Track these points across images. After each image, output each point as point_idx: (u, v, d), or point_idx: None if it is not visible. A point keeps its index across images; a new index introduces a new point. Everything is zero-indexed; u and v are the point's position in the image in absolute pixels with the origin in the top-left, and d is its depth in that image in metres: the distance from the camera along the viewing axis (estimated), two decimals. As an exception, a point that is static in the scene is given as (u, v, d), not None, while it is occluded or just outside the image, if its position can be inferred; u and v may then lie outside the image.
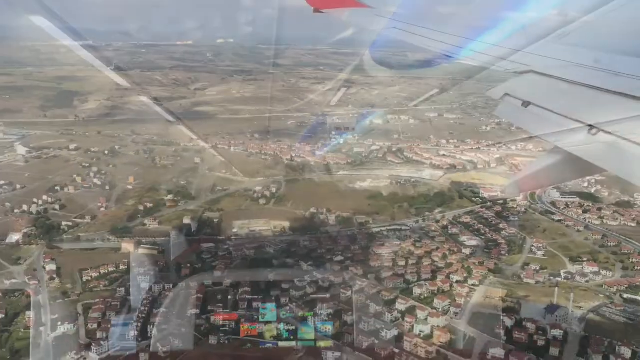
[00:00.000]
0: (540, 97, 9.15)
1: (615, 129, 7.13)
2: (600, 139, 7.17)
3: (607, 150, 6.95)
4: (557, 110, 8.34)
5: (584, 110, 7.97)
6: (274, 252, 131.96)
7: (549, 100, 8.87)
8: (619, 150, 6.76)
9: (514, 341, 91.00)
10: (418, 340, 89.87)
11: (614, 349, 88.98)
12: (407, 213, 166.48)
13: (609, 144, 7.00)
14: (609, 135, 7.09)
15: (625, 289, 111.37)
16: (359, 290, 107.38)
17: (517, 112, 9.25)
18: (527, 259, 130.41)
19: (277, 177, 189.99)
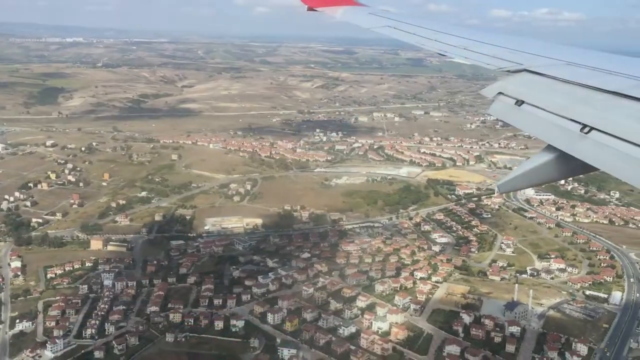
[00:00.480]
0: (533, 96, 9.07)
1: (608, 127, 7.03)
2: (593, 138, 7.05)
3: (600, 149, 6.83)
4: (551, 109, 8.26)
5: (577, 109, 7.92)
6: (243, 249, 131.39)
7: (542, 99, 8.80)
8: (611, 149, 6.66)
9: (471, 338, 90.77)
10: (375, 337, 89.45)
11: (570, 345, 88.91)
12: (381, 210, 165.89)
13: (601, 142, 6.89)
14: (602, 134, 6.97)
15: (589, 285, 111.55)
16: (321, 287, 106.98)
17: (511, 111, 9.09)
18: (496, 255, 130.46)
19: (253, 174, 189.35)
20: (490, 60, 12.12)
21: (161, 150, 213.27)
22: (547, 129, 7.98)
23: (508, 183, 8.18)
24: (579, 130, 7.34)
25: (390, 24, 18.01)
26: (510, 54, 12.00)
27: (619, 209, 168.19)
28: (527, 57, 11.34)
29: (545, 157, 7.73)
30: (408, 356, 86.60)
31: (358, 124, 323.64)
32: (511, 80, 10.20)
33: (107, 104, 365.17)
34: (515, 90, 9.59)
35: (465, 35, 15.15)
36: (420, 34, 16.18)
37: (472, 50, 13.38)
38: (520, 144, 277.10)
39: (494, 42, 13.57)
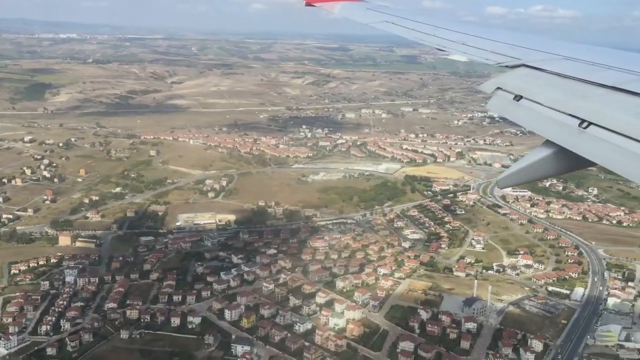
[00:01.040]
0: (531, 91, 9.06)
1: (607, 122, 7.01)
2: (591, 133, 7.04)
3: (598, 144, 6.83)
4: (549, 104, 8.26)
5: (576, 104, 7.90)
6: (211, 245, 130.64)
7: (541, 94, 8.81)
8: (610, 144, 6.65)
9: (426, 334, 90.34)
10: (330, 333, 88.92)
11: (526, 341, 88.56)
12: (356, 206, 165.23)
13: (600, 137, 6.87)
14: (601, 129, 6.96)
15: (553, 281, 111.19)
16: (282, 284, 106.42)
17: (509, 106, 9.07)
18: (465, 252, 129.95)
19: (230, 170, 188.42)
20: (489, 55, 12.07)
21: (140, 146, 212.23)
22: (545, 124, 7.98)
23: (507, 178, 8.18)
24: (577, 125, 7.30)
25: (388, 19, 18.07)
26: (509, 49, 11.99)
27: (595, 205, 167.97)
28: (525, 52, 11.36)
29: (544, 152, 7.71)
30: (362, 352, 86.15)
31: (345, 121, 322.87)
32: (509, 76, 10.14)
33: (94, 100, 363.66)
34: (513, 85, 9.54)
35: (463, 30, 15.20)
36: (418, 29, 16.17)
37: (471, 45, 13.40)
38: (506, 140, 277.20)
39: (492, 37, 13.60)
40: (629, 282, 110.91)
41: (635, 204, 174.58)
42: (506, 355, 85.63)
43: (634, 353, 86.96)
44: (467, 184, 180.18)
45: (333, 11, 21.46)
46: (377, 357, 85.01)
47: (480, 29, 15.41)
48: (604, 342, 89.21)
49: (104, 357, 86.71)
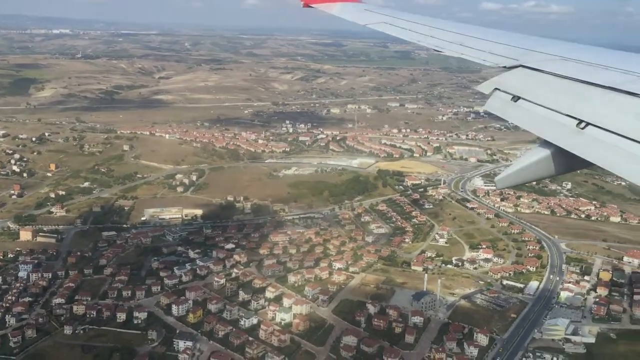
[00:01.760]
0: (529, 92, 9.15)
1: (604, 122, 7.06)
2: (589, 133, 7.10)
3: (595, 144, 6.88)
4: (547, 105, 8.38)
5: (573, 104, 7.99)
6: (172, 240, 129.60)
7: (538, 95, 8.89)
8: (607, 144, 6.70)
9: (372, 328, 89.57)
10: (275, 328, 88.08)
11: (472, 335, 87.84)
12: (325, 201, 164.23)
13: (597, 137, 6.93)
14: (598, 129, 7.02)
15: (509, 275, 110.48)
16: (234, 278, 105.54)
17: (507, 106, 9.15)
18: (428, 246, 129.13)
19: (202, 164, 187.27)
20: (486, 56, 12.10)
21: (114, 141, 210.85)
22: (543, 124, 8.03)
23: (506, 179, 8.07)
24: (575, 125, 7.34)
25: (386, 20, 18.14)
26: (506, 49, 12.05)
27: (567, 200, 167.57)
28: (523, 53, 11.40)
29: (542, 153, 7.73)
30: (305, 347, 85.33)
31: (329, 116, 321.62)
32: (507, 76, 10.19)
33: (79, 95, 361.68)
34: (511, 85, 9.61)
35: (460, 31, 15.23)
36: (416, 30, 16.32)
37: (468, 46, 13.46)
38: (488, 135, 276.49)
39: (489, 37, 13.65)
40: (586, 275, 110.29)
41: (608, 198, 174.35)
42: (450, 349, 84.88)
43: (579, 347, 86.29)
44: (440, 178, 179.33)
45: (331, 12, 21.69)
46: (320, 352, 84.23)
47: (477, 29, 15.41)
48: (550, 335, 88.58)
49: (45, 352, 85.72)
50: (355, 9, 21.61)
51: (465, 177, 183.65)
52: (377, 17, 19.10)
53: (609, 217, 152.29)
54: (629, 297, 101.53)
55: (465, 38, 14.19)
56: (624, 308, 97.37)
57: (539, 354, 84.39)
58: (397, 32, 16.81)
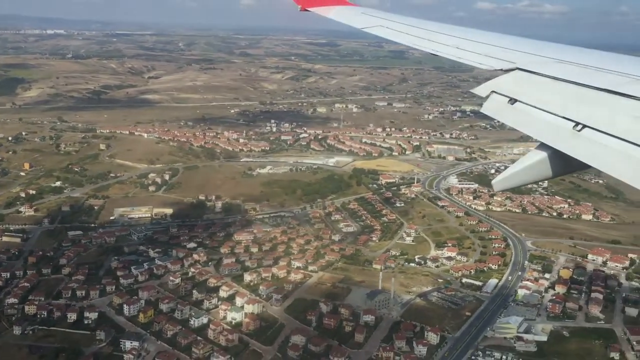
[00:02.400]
0: (526, 94, 9.18)
1: (601, 125, 7.08)
2: (585, 136, 7.11)
3: (592, 146, 6.89)
4: (543, 107, 8.41)
5: (570, 107, 8.00)
6: (137, 239, 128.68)
7: (535, 97, 8.93)
8: (604, 146, 6.71)
9: (323, 327, 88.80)
10: (223, 327, 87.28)
11: (423, 334, 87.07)
12: (298, 200, 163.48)
13: (594, 140, 6.94)
14: (595, 132, 7.03)
15: (470, 273, 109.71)
16: (189, 278, 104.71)
17: (504, 109, 9.18)
18: (395, 244, 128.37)
19: (177, 163, 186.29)
20: (483, 59, 12.09)
21: (92, 140, 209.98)
22: (540, 127, 8.06)
23: (503, 181, 8.07)
24: (571, 128, 7.36)
25: (383, 24, 18.20)
26: (502, 52, 12.06)
27: (541, 198, 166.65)
28: (519, 56, 11.40)
29: (539, 155, 7.74)
30: (253, 347, 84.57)
31: (315, 115, 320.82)
32: (504, 79, 10.21)
33: (65, 94, 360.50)
34: (508, 88, 9.63)
35: (457, 34, 15.29)
36: (413, 34, 16.43)
37: (465, 49, 13.54)
38: (472, 134, 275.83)
39: (486, 40, 13.70)
40: (547, 273, 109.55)
41: (584, 196, 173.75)
42: (399, 348, 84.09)
43: (531, 345, 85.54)
44: (415, 176, 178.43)
45: (328, 16, 21.71)
46: (267, 352, 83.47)
47: (473, 32, 15.47)
48: (502, 334, 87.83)
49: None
50: (352, 12, 21.75)
51: (441, 176, 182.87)
52: (373, 20, 19.10)
53: (581, 215, 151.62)
54: (587, 294, 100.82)
55: (462, 41, 14.28)
56: (580, 306, 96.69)
57: (489, 353, 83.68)
58: (393, 36, 16.90)
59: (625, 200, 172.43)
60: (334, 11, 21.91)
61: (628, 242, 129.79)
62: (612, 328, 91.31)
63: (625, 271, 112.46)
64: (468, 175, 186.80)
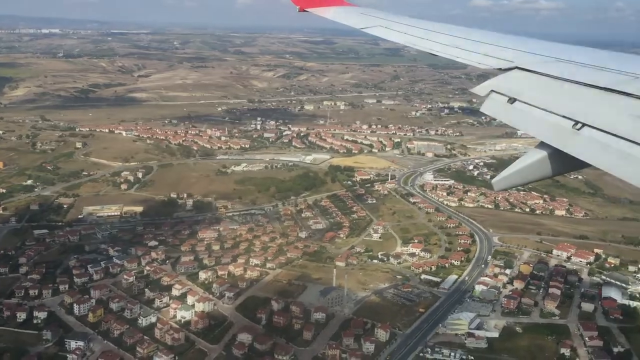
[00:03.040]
0: (525, 93, 9.15)
1: (600, 123, 7.04)
2: (585, 134, 7.08)
3: (592, 145, 6.88)
4: (543, 106, 8.37)
5: (569, 106, 7.98)
6: (101, 237, 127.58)
7: (534, 96, 8.90)
8: (604, 145, 6.69)
9: (273, 325, 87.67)
10: (170, 326, 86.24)
11: (373, 331, 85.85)
12: (271, 197, 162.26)
13: (594, 138, 6.92)
14: (594, 130, 7.01)
15: (430, 270, 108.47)
16: (144, 276, 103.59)
17: (503, 109, 9.14)
18: (362, 241, 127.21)
19: (152, 161, 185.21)
20: (482, 58, 12.10)
21: (69, 139, 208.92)
22: (539, 126, 8.05)
23: (503, 180, 7.99)
24: (571, 126, 7.35)
25: (381, 24, 18.21)
26: (501, 51, 12.05)
27: (518, 193, 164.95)
28: (518, 55, 11.39)
29: (539, 154, 7.72)
30: (199, 345, 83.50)
31: (302, 113, 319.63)
32: (503, 78, 10.17)
33: (52, 93, 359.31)
34: (507, 88, 9.58)
35: (456, 34, 15.27)
36: (411, 34, 16.41)
37: (463, 48, 13.50)
38: (457, 131, 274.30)
39: (485, 40, 13.66)
40: (508, 269, 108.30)
41: (561, 192, 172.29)
42: (347, 345, 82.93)
43: (481, 342, 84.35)
44: (391, 173, 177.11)
45: (326, 16, 21.80)
46: (213, 350, 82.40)
47: (472, 32, 15.49)
48: (454, 330, 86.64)
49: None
50: (350, 12, 21.78)
51: (418, 172, 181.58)
52: (372, 20, 19.07)
53: (554, 210, 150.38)
54: (545, 290, 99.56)
55: (461, 41, 14.23)
56: (536, 302, 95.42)
57: (437, 349, 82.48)
58: (392, 36, 16.88)
59: (603, 196, 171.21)
60: (331, 11, 22.06)
61: (596, 237, 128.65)
62: (566, 324, 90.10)
63: (588, 266, 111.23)
64: (445, 172, 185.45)
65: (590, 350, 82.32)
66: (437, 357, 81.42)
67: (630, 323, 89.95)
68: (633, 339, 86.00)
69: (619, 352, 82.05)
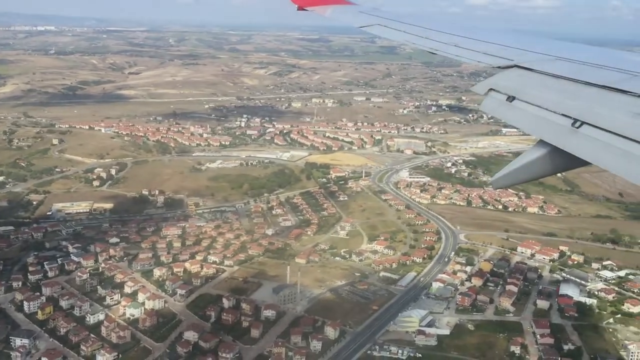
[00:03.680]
0: (524, 92, 9.06)
1: (599, 121, 7.03)
2: (584, 132, 7.10)
3: (591, 143, 6.89)
4: (542, 104, 8.25)
5: (568, 104, 7.91)
6: (66, 234, 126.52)
7: (533, 95, 8.81)
8: (603, 143, 6.71)
9: (221, 323, 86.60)
10: (117, 324, 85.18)
11: (323, 328, 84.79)
12: (244, 194, 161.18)
13: (593, 136, 6.93)
14: (593, 128, 7.02)
15: (391, 267, 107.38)
16: (98, 273, 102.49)
17: (502, 107, 9.04)
18: (329, 238, 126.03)
19: (127, 158, 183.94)
20: (481, 57, 12.07)
21: (46, 135, 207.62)
22: (538, 124, 8.05)
23: (501, 179, 7.99)
24: (570, 124, 7.33)
25: (380, 22, 18.14)
26: (500, 49, 12.05)
27: (495, 191, 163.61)
28: (517, 53, 11.39)
29: (538, 152, 7.67)
30: (144, 343, 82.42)
31: (289, 110, 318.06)
32: (502, 76, 10.18)
33: (40, 90, 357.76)
34: (506, 86, 9.56)
35: (455, 32, 15.25)
36: (411, 32, 16.31)
37: (463, 47, 13.45)
38: (444, 128, 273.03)
39: (484, 38, 13.66)
40: (469, 266, 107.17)
41: (538, 189, 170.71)
42: (295, 343, 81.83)
43: (431, 339, 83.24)
44: (366, 170, 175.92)
45: (325, 14, 21.80)
46: (158, 348, 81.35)
47: (472, 30, 15.55)
48: (404, 328, 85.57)
49: None
50: (349, 11, 21.84)
51: (394, 169, 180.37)
52: (371, 19, 19.07)
53: (527, 208, 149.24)
54: (503, 287, 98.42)
55: (460, 39, 14.16)
56: (491, 299, 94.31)
57: (386, 347, 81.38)
58: (391, 35, 16.84)
59: (580, 194, 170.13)
60: (330, 10, 22.05)
61: (565, 234, 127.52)
62: (520, 321, 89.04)
63: (551, 263, 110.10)
64: (422, 169, 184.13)
65: (541, 348, 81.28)
66: (385, 354, 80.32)
67: (584, 320, 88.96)
68: (585, 336, 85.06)
69: (570, 349, 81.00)
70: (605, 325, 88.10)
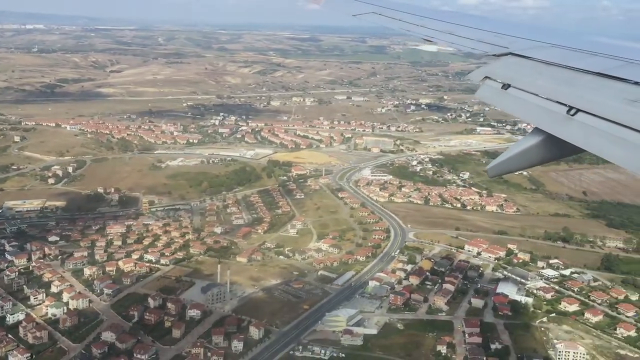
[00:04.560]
0: (519, 79, 8.88)
1: (594, 109, 7.03)
2: (579, 120, 7.07)
3: (586, 130, 6.87)
4: (537, 92, 8.23)
5: (563, 91, 7.92)
6: (9, 232, 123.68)
7: (528, 82, 8.70)
8: (597, 130, 6.68)
9: (144, 323, 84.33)
10: (35, 324, 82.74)
11: (247, 328, 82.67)
12: (201, 192, 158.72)
13: (587, 124, 6.90)
14: (588, 116, 6.99)
15: (332, 265, 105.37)
16: (27, 272, 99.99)
17: (497, 95, 8.88)
18: (278, 237, 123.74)
19: (86, 155, 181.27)
20: (476, 44, 12.05)
21: (9, 132, 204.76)
22: (533, 111, 7.97)
23: (497, 167, 7.90)
24: (565, 112, 7.29)
25: (375, 11, 18.03)
26: (495, 37, 11.92)
27: (455, 189, 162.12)
28: (512, 40, 11.24)
29: (533, 140, 7.62)
30: (61, 344, 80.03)
31: (267, 109, 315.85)
32: (497, 64, 10.09)
33: (16, 88, 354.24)
34: (501, 74, 9.52)
35: (450, 20, 15.23)
36: (406, 20, 16.14)
37: (458, 35, 13.36)
38: (419, 127, 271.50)
39: (479, 26, 13.65)
40: (410, 264, 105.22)
41: (502, 187, 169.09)
42: (217, 343, 79.62)
43: (357, 339, 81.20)
44: (326, 168, 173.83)
45: (319, 4, 21.68)
46: (74, 349, 79.03)
47: (467, 18, 15.49)
48: (331, 327, 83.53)
49: None
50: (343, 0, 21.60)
51: (357, 167, 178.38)
52: (365, 7, 18.85)
53: (485, 206, 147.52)
54: (441, 286, 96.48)
55: (456, 27, 14.06)
56: (426, 297, 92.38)
57: (309, 347, 79.32)
58: (386, 22, 16.55)
59: (544, 192, 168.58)
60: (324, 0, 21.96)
61: (517, 233, 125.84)
62: (452, 320, 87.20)
63: (496, 262, 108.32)
64: (387, 167, 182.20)
65: (468, 348, 79.39)
66: (307, 354, 78.26)
67: (517, 319, 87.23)
68: (516, 335, 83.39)
69: (497, 348, 79.17)
70: (538, 324, 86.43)
